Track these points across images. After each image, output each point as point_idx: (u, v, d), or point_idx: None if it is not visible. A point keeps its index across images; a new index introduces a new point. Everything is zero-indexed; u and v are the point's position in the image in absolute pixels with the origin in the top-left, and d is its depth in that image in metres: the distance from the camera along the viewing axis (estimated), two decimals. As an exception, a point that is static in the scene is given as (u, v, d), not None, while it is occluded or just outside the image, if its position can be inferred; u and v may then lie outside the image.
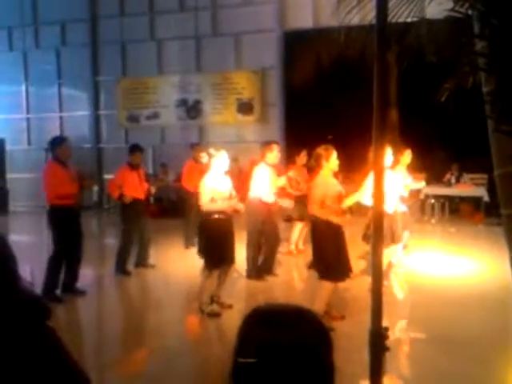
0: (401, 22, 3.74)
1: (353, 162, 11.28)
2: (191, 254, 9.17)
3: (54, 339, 1.60)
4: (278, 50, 15.39)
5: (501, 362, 5.17)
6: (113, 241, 10.99)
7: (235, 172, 7.30)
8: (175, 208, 13.85)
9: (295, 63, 14.97)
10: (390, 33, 3.17)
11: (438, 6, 3.53)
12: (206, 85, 16.14)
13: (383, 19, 2.53)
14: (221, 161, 6.54)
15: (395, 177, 7.49)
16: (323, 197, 5.81)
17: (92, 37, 17.32)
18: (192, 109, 16.34)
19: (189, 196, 9.61)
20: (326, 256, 5.82)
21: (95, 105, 17.60)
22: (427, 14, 3.96)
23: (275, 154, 7.98)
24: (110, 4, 16.91)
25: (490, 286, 7.60)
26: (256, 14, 15.15)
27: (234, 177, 7.03)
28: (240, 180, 8.96)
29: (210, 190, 6.36)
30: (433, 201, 13.35)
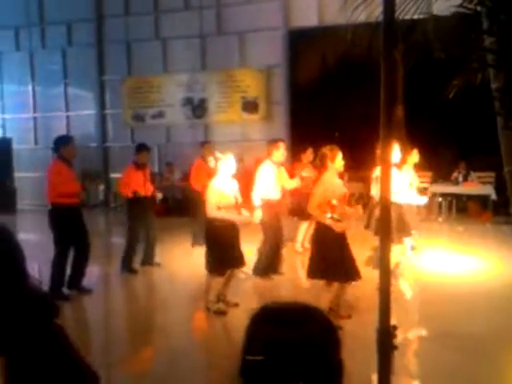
0: (408, 19, 3.72)
1: (359, 160, 11.25)
2: (197, 252, 9.18)
3: (61, 336, 1.60)
4: (283, 48, 15.36)
5: (509, 360, 5.15)
6: (119, 239, 11.00)
7: (241, 172, 7.28)
8: (181, 207, 13.87)
9: (300, 61, 14.96)
10: (396, 30, 3.15)
11: (445, 3, 3.50)
12: (211, 83, 16.13)
13: (390, 16, 2.52)
14: (228, 164, 6.53)
15: (401, 176, 7.48)
16: (325, 198, 5.77)
17: (97, 36, 17.34)
18: (197, 107, 16.34)
19: (196, 195, 9.56)
20: (327, 257, 5.77)
21: (101, 104, 17.63)
22: (434, 11, 3.93)
23: (282, 152, 7.97)
24: (115, 4, 16.92)
25: (498, 284, 7.57)
26: (261, 12, 15.12)
27: (240, 177, 7.02)
28: (246, 180, 8.94)
29: (216, 193, 6.34)
30: (440, 199, 13.29)
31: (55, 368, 1.52)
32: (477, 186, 13.48)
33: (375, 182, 7.65)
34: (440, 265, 8.86)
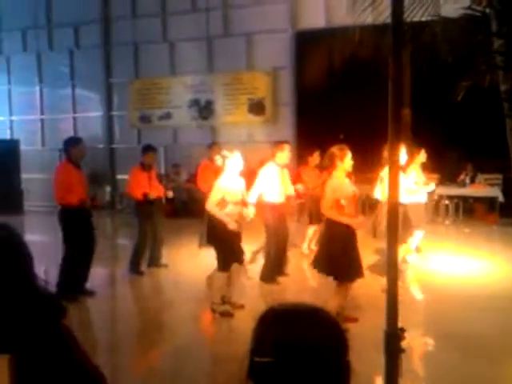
0: (416, 21, 3.71)
1: (365, 162, 11.24)
2: (203, 253, 9.18)
3: (69, 337, 1.60)
4: (289, 50, 15.36)
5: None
6: (126, 241, 11.03)
7: (246, 173, 7.25)
8: (187, 208, 13.89)
9: (307, 63, 14.93)
10: (404, 32, 3.15)
11: (453, 5, 3.49)
12: (218, 85, 16.15)
13: (398, 18, 2.51)
14: (235, 161, 6.54)
15: (405, 179, 7.46)
16: (334, 198, 5.77)
17: (105, 38, 17.41)
18: (204, 109, 16.36)
19: (203, 196, 9.53)
20: (337, 256, 5.77)
21: (108, 106, 17.68)
22: (442, 13, 3.92)
23: (286, 154, 7.91)
24: (122, 6, 16.98)
25: (504, 286, 7.54)
26: (268, 14, 15.13)
27: (245, 178, 7.01)
28: (251, 181, 8.92)
29: (222, 190, 6.35)
30: (447, 201, 13.25)
31: (62, 368, 1.52)
32: (484, 188, 13.43)
33: (379, 183, 7.62)
34: (446, 267, 8.83)
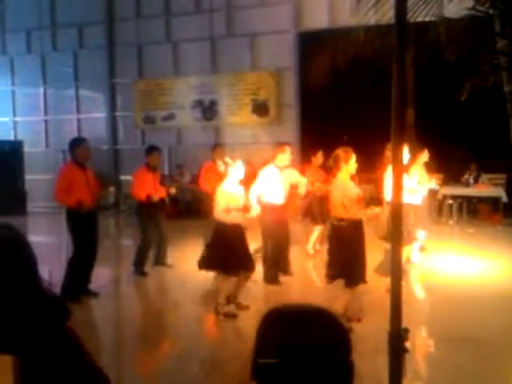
0: (419, 21, 3.70)
1: (369, 163, 11.22)
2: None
3: (73, 339, 1.60)
4: (293, 50, 15.37)
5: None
6: (130, 242, 11.03)
7: (249, 174, 7.23)
8: (190, 209, 13.90)
9: (310, 64, 14.92)
10: (408, 32, 3.14)
11: (457, 5, 3.48)
12: (222, 86, 16.17)
13: (402, 18, 2.51)
14: (237, 170, 6.56)
15: (408, 179, 7.44)
16: (343, 199, 5.77)
17: (109, 39, 17.44)
18: (208, 110, 16.37)
19: (206, 197, 9.52)
20: (351, 261, 5.75)
21: (112, 106, 17.71)
22: (446, 13, 3.91)
23: (287, 156, 7.87)
24: (126, 6, 17.02)
25: (509, 286, 7.52)
26: (271, 15, 15.14)
27: (248, 179, 7.00)
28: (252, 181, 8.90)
29: (226, 196, 6.35)
30: (451, 201, 13.23)
31: (66, 370, 1.52)
32: (488, 188, 13.41)
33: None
34: (450, 267, 8.82)
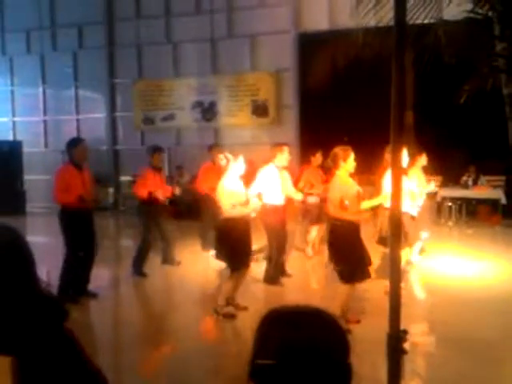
0: (418, 24, 3.71)
1: (368, 164, 11.23)
2: (207, 256, 9.19)
3: (71, 340, 1.60)
4: (293, 51, 15.38)
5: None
6: (129, 242, 11.02)
7: (250, 174, 7.23)
8: (190, 210, 13.87)
9: (310, 65, 14.92)
10: (407, 34, 3.14)
11: (456, 8, 3.49)
12: (222, 86, 16.17)
13: (401, 20, 2.51)
14: (238, 165, 6.55)
15: (408, 182, 7.45)
16: (341, 198, 5.77)
17: (109, 39, 17.45)
18: (207, 111, 16.37)
19: (203, 198, 9.50)
20: (348, 259, 5.77)
21: (111, 107, 17.71)
22: (445, 16, 3.92)
23: (286, 156, 7.88)
24: (126, 7, 17.03)
25: (508, 287, 7.53)
26: (271, 16, 15.16)
27: (248, 179, 7.01)
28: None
29: (228, 192, 6.35)
30: (450, 203, 13.24)
31: (64, 371, 1.53)
32: (486, 189, 13.42)
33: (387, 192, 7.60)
34: (450, 268, 8.82)
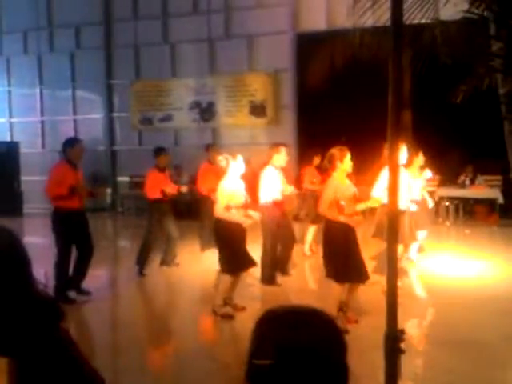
0: (415, 24, 3.72)
1: (366, 164, 11.24)
2: (206, 256, 9.19)
3: (67, 341, 1.60)
4: (291, 52, 15.38)
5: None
6: (127, 243, 11.02)
7: (248, 174, 7.24)
8: (189, 210, 13.88)
9: (308, 65, 14.94)
10: (404, 34, 3.15)
11: (452, 8, 3.50)
12: (220, 87, 16.17)
13: (398, 20, 2.52)
14: (238, 165, 6.57)
15: (407, 176, 7.45)
16: (333, 198, 5.79)
17: (106, 40, 17.43)
18: (205, 111, 16.37)
19: (203, 198, 9.53)
20: (337, 258, 5.79)
21: (109, 107, 17.70)
22: (442, 16, 3.93)
23: (283, 157, 7.91)
24: (123, 7, 17.01)
25: (506, 287, 7.54)
26: (269, 16, 15.15)
27: (247, 179, 7.02)
28: (253, 182, 8.92)
29: (227, 193, 6.36)
30: (447, 203, 13.27)
31: (61, 372, 1.53)
32: (484, 189, 13.45)
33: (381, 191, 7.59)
34: (447, 268, 8.83)
